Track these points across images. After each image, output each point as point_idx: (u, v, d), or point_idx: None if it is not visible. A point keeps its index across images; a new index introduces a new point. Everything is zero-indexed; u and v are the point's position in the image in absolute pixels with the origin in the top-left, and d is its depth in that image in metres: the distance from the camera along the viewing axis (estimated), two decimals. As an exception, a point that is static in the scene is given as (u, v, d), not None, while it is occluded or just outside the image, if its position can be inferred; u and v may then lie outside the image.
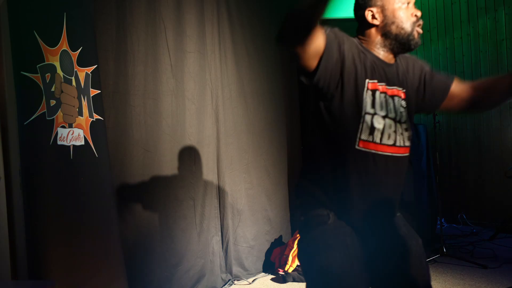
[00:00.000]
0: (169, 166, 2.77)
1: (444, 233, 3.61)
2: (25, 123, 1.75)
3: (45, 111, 1.82)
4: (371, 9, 1.37)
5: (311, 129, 1.38)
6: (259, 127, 3.41)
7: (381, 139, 1.31)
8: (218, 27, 3.16)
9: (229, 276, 3.09)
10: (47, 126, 1.83)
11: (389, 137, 1.32)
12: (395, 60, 1.41)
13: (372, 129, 1.29)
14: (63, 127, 1.91)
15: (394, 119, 1.34)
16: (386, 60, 1.39)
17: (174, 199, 2.79)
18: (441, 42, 4.80)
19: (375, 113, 1.30)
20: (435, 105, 1.48)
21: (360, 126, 1.29)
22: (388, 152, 1.33)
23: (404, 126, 1.37)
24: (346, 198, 1.33)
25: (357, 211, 1.34)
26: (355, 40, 1.38)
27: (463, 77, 4.62)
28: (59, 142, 1.88)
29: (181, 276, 2.77)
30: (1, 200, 1.78)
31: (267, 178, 3.44)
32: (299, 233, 1.41)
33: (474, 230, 4.24)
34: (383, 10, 1.36)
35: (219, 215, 3.10)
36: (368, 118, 1.29)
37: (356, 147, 1.29)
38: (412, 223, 3.57)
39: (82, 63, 2.08)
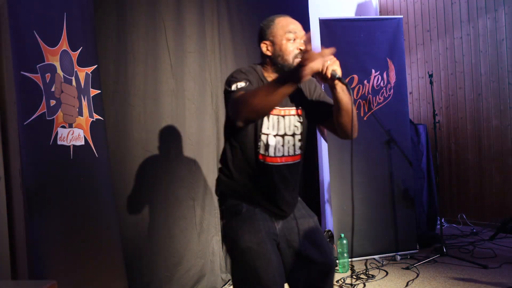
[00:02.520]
0: (169, 166, 2.77)
1: (444, 233, 3.61)
2: (25, 123, 1.75)
3: (45, 111, 1.81)
4: (265, 42, 1.73)
5: (227, 139, 1.71)
6: (259, 127, 3.41)
7: (274, 153, 1.64)
8: (218, 27, 3.16)
9: (229, 276, 3.09)
10: (47, 126, 1.83)
11: (278, 150, 1.65)
12: None
13: (267, 145, 1.63)
14: (63, 127, 1.91)
15: (283, 135, 1.66)
16: None
17: (174, 199, 2.79)
18: (441, 42, 4.80)
19: (269, 134, 1.62)
20: (317, 122, 1.78)
21: (259, 144, 1.63)
22: (280, 162, 1.66)
23: (298, 137, 1.69)
24: (253, 196, 1.66)
25: (264, 205, 1.66)
26: (259, 68, 1.73)
27: (463, 77, 4.62)
28: (59, 142, 1.88)
29: (181, 276, 2.77)
30: (1, 200, 1.78)
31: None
32: (221, 218, 1.73)
33: (474, 230, 4.24)
34: (273, 44, 1.69)
35: (219, 215, 3.09)
36: (264, 137, 1.62)
37: (257, 159, 1.64)
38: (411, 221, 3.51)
39: (82, 63, 2.08)
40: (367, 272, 3.21)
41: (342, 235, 3.37)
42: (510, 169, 4.26)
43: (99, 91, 2.21)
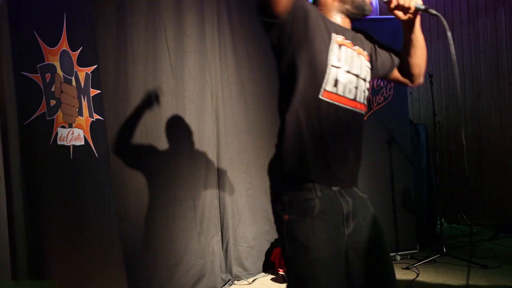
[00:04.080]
0: (169, 166, 2.77)
1: (444, 233, 3.61)
2: (25, 123, 1.75)
3: (45, 111, 1.81)
4: None
5: (282, 98, 1.38)
6: (259, 127, 3.41)
7: (343, 92, 1.36)
8: (218, 27, 3.16)
9: (229, 276, 3.09)
10: (47, 126, 1.83)
11: (350, 91, 1.38)
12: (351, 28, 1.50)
13: (336, 81, 1.34)
14: (63, 127, 1.91)
15: (357, 76, 1.41)
16: (344, 25, 1.46)
17: (174, 199, 2.79)
18: (441, 42, 4.80)
19: (340, 67, 1.35)
20: (384, 75, 1.59)
21: (326, 77, 1.33)
22: (349, 105, 1.38)
23: (366, 85, 1.45)
24: (323, 149, 1.33)
25: (334, 167, 1.35)
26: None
27: (463, 77, 4.62)
28: (59, 142, 1.88)
29: (181, 276, 2.77)
30: (1, 200, 1.78)
31: (267, 178, 3.43)
32: (282, 211, 1.36)
33: (474, 230, 4.24)
34: None
35: (219, 215, 3.10)
36: (333, 70, 1.34)
37: (320, 96, 1.32)
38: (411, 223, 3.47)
39: (82, 63, 2.08)
40: (367, 272, 3.20)
41: (342, 235, 3.37)
42: (510, 169, 4.26)
43: (99, 91, 2.21)
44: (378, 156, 3.62)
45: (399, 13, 1.42)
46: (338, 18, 1.45)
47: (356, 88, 1.40)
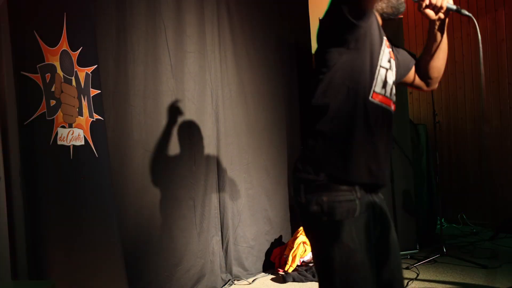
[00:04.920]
0: (169, 166, 2.77)
1: (444, 233, 3.62)
2: (25, 123, 1.75)
3: (45, 111, 1.82)
4: None
5: (321, 93, 1.32)
6: (259, 127, 3.41)
7: (389, 94, 1.36)
8: (218, 27, 3.16)
9: (229, 276, 3.09)
10: (47, 126, 1.83)
11: (391, 92, 1.38)
12: None
13: (385, 83, 1.34)
14: (63, 127, 1.91)
15: (393, 76, 1.41)
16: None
17: (174, 199, 2.79)
18: (441, 42, 4.80)
19: (388, 68, 1.35)
20: (402, 76, 1.55)
21: (375, 79, 1.31)
22: (391, 106, 1.38)
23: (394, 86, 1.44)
24: (374, 152, 1.30)
25: (379, 169, 1.32)
26: None
27: (463, 77, 4.62)
28: (59, 142, 1.88)
29: (181, 276, 2.77)
30: (1, 200, 1.78)
31: (267, 178, 3.44)
32: (318, 212, 1.28)
33: (474, 230, 4.24)
34: None
35: (219, 215, 3.10)
36: (382, 71, 1.33)
37: (370, 98, 1.30)
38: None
39: (82, 63, 2.08)
40: (367, 272, 3.20)
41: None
42: (510, 169, 4.26)
43: (99, 91, 2.21)
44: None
45: (430, 13, 1.38)
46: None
47: (391, 88, 1.39)
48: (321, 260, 1.31)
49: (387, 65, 1.34)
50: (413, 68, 1.56)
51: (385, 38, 1.37)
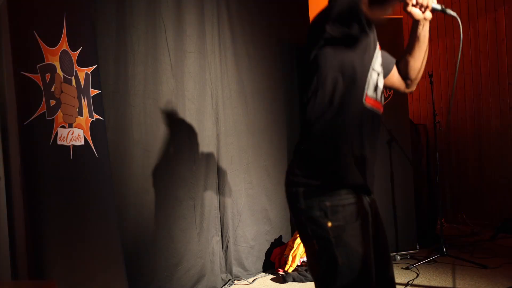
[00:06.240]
0: (169, 166, 2.77)
1: (444, 233, 3.62)
2: (25, 123, 1.75)
3: (45, 111, 1.82)
4: None
5: (316, 100, 1.32)
6: (259, 127, 3.41)
7: (381, 98, 1.35)
8: (218, 27, 3.16)
9: (229, 276, 3.09)
10: (47, 126, 1.83)
11: (381, 95, 1.37)
12: None
13: (376, 86, 1.33)
14: (63, 127, 1.91)
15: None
16: None
17: (174, 199, 2.79)
18: (441, 42, 4.80)
19: (379, 72, 1.34)
20: (385, 75, 1.54)
21: (367, 82, 1.30)
22: (379, 109, 1.37)
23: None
24: (362, 154, 1.31)
25: (367, 171, 1.36)
26: None
27: (463, 77, 4.62)
28: (59, 142, 1.88)
29: (181, 276, 2.77)
30: (1, 200, 1.78)
31: (267, 178, 3.45)
32: (324, 217, 1.27)
33: (474, 230, 4.24)
34: None
35: (219, 215, 3.10)
36: (374, 75, 1.32)
37: (363, 101, 1.30)
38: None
39: (82, 63, 2.08)
40: (367, 272, 3.20)
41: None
42: (510, 169, 4.26)
43: (99, 91, 2.21)
44: (378, 156, 3.62)
45: (416, 12, 1.35)
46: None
47: (382, 92, 1.38)
48: (323, 264, 1.30)
49: (379, 69, 1.34)
50: (394, 69, 1.55)
51: (376, 41, 1.36)
